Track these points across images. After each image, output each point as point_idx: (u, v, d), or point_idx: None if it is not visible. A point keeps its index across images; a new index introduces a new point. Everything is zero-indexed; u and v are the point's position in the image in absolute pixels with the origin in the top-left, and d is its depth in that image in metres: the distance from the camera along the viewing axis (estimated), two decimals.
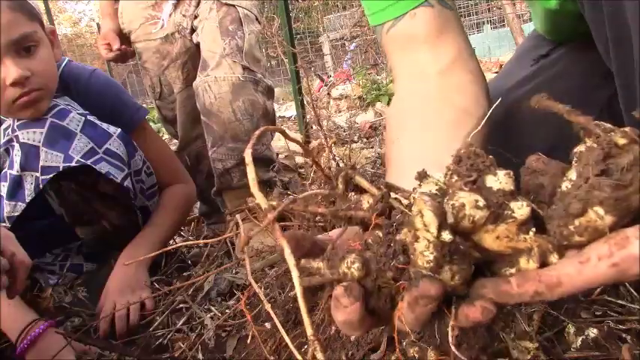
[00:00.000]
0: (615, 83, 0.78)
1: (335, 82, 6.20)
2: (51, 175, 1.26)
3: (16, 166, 1.25)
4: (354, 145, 2.98)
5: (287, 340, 0.44)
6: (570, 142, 0.46)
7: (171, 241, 1.60)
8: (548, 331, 0.76)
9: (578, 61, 1.01)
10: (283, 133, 0.54)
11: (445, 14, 0.85)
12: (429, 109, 0.83)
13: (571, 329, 0.74)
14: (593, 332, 0.72)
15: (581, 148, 0.45)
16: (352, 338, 0.84)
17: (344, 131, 3.49)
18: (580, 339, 0.72)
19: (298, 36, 7.76)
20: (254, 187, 0.44)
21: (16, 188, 1.27)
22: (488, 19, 9.61)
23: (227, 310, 1.18)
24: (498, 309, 0.46)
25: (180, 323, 1.21)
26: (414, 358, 0.70)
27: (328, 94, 5.84)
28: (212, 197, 1.84)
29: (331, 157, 1.68)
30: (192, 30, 1.82)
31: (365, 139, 3.36)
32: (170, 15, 1.83)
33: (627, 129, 0.43)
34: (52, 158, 1.26)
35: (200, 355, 1.08)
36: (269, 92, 1.78)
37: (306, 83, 3.77)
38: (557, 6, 0.88)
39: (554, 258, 0.45)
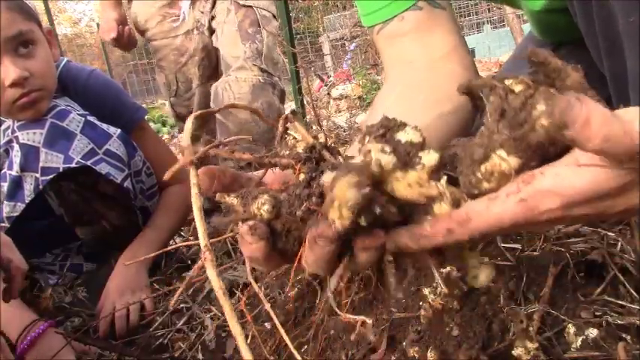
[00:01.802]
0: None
1: (335, 82, 6.21)
2: (51, 176, 1.26)
3: (16, 167, 1.25)
4: None
5: (287, 340, 0.44)
6: None
7: (171, 241, 1.60)
8: (548, 331, 0.76)
9: (578, 62, 1.01)
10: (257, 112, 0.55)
11: (435, 14, 0.88)
12: (410, 88, 0.86)
13: (571, 329, 0.74)
14: (593, 332, 0.72)
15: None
16: (352, 337, 0.84)
17: (344, 131, 3.49)
18: (580, 339, 0.72)
19: (298, 36, 7.75)
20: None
21: (15, 189, 1.27)
22: (488, 19, 9.61)
23: None
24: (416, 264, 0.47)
25: (180, 323, 1.21)
26: (414, 358, 0.70)
27: (328, 94, 5.84)
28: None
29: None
30: (210, 28, 1.83)
31: None
32: (189, 8, 1.85)
33: (521, 76, 0.44)
34: (51, 159, 1.26)
35: (200, 355, 1.08)
36: (282, 95, 1.80)
37: (306, 83, 3.76)
38: (543, 7, 0.89)
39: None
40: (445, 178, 0.45)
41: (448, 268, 0.78)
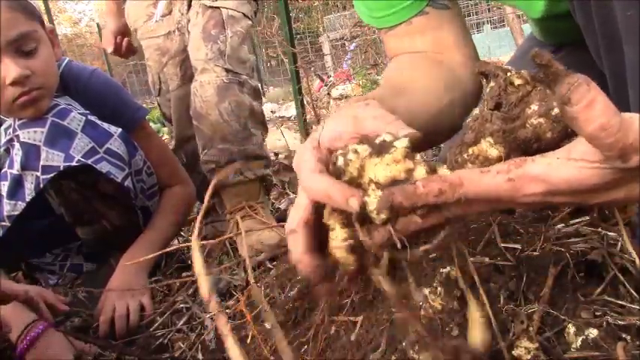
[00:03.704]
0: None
1: (335, 82, 6.20)
2: (51, 175, 1.26)
3: (17, 166, 1.25)
4: None
5: (285, 338, 0.45)
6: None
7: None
8: (548, 331, 0.76)
9: (579, 62, 1.01)
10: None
11: (441, 15, 0.91)
12: (419, 65, 0.90)
13: (571, 329, 0.74)
14: (593, 332, 0.72)
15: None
16: (352, 338, 0.84)
17: None
18: (580, 339, 0.72)
19: (298, 36, 7.75)
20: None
21: (16, 187, 1.27)
22: (488, 19, 9.61)
23: (227, 310, 1.18)
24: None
25: (180, 323, 1.21)
26: (413, 358, 0.70)
27: (328, 94, 5.84)
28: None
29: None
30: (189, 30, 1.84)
31: None
32: (169, 13, 1.85)
33: (523, 71, 0.47)
34: (52, 158, 1.26)
35: (200, 355, 1.08)
36: (255, 93, 1.79)
37: (306, 83, 3.77)
38: (543, 13, 0.90)
39: (443, 170, 0.48)
40: (420, 154, 0.49)
41: (448, 269, 0.78)
